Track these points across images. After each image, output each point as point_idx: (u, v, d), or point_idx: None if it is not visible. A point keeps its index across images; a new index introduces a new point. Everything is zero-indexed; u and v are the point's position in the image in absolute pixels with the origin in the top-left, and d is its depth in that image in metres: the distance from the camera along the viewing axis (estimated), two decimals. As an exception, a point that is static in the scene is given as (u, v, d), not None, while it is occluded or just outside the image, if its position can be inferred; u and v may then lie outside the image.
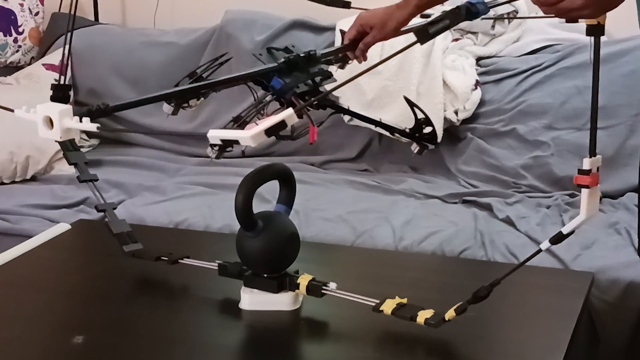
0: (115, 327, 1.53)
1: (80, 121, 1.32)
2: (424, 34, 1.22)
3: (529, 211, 2.35)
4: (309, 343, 1.54)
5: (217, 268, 1.63)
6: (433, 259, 2.07)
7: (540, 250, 1.38)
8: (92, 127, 1.28)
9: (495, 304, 1.56)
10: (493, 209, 2.35)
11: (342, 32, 1.87)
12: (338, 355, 1.46)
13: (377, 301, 1.48)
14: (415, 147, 1.71)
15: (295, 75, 1.66)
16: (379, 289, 1.53)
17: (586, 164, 1.31)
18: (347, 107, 1.82)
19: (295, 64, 1.66)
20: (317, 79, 1.74)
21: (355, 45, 1.81)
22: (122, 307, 1.62)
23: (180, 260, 1.68)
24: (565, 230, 1.36)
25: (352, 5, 1.95)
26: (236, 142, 1.21)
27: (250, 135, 1.18)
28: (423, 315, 1.43)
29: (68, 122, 1.27)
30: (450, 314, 1.40)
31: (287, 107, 1.67)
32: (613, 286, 1.97)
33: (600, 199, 2.41)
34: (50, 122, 1.25)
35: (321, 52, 1.78)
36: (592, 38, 1.33)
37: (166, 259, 1.69)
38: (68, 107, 1.26)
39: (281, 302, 1.55)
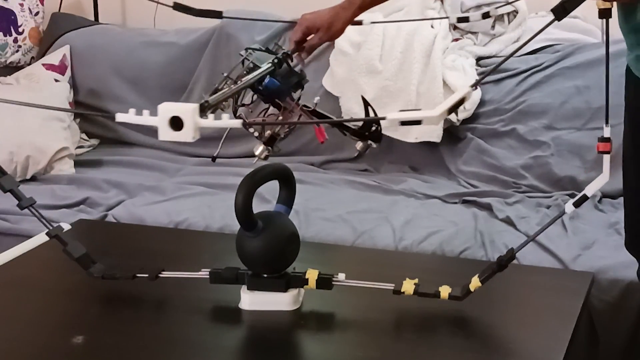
0: (115, 327, 1.53)
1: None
2: (560, 11, 1.27)
3: (529, 211, 2.35)
4: (309, 343, 1.54)
5: (207, 276, 1.59)
6: (433, 259, 2.07)
7: (564, 212, 1.47)
8: (237, 123, 1.22)
9: (495, 304, 1.56)
10: (493, 209, 2.35)
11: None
12: (339, 354, 1.46)
13: (392, 285, 1.48)
14: (359, 145, 1.69)
15: (282, 75, 1.64)
16: (378, 289, 1.53)
17: (607, 132, 1.45)
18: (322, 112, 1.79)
19: (282, 64, 1.65)
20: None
21: (301, 48, 1.82)
22: (122, 307, 1.62)
23: (159, 275, 1.62)
24: (588, 192, 1.46)
25: (224, 14, 1.96)
26: (418, 122, 1.18)
27: (437, 115, 1.16)
28: (445, 291, 1.43)
29: (202, 120, 1.19)
30: (475, 284, 1.40)
31: (280, 108, 1.65)
32: (613, 286, 1.97)
33: (601, 199, 2.41)
34: (177, 123, 1.17)
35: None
36: (604, 20, 1.46)
37: (144, 275, 1.62)
38: (196, 106, 1.20)
39: (281, 302, 1.55)
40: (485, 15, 2.01)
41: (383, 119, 1.18)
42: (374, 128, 1.69)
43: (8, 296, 1.68)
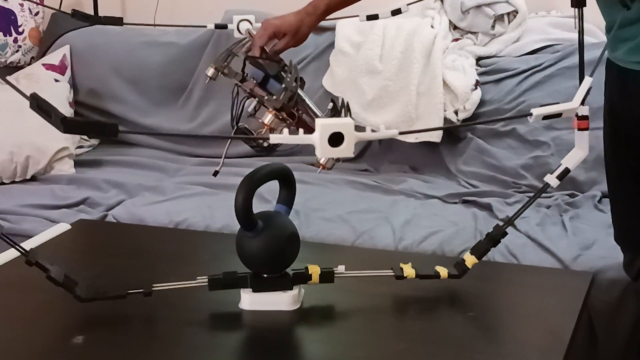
0: (115, 327, 1.53)
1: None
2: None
3: (529, 211, 2.33)
4: (309, 343, 1.54)
5: (204, 284, 1.57)
6: (433, 259, 2.07)
7: (548, 185, 1.46)
8: (394, 132, 1.21)
9: (495, 304, 1.56)
10: (493, 209, 2.35)
11: (250, 34, 1.89)
12: (339, 354, 1.46)
13: (391, 271, 1.50)
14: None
15: (282, 78, 1.65)
16: (379, 289, 1.54)
17: (585, 110, 1.49)
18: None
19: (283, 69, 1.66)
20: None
21: (264, 52, 1.81)
22: (122, 307, 1.62)
23: (153, 288, 1.55)
24: (570, 166, 1.46)
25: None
26: (559, 115, 1.23)
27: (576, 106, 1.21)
28: (443, 271, 1.43)
29: (360, 134, 1.18)
30: (471, 260, 1.41)
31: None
32: (613, 286, 1.97)
33: (600, 199, 2.41)
34: (337, 139, 1.16)
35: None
36: (577, 9, 1.50)
37: (139, 291, 1.55)
38: (352, 121, 1.18)
39: (281, 302, 1.55)
40: None
41: (530, 114, 1.24)
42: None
43: (8, 296, 1.68)
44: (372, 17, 2.02)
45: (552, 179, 1.43)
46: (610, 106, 1.73)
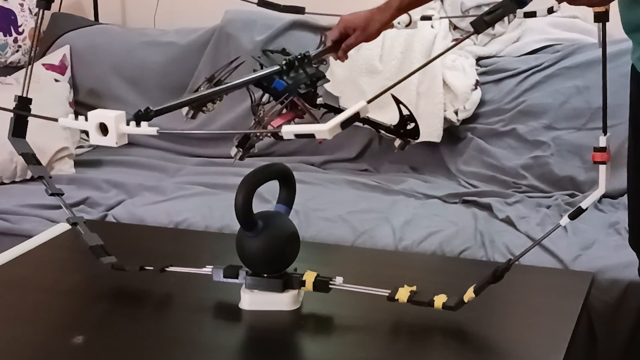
0: (115, 327, 1.53)
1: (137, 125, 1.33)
2: (481, 24, 1.26)
3: (529, 211, 2.35)
4: (309, 343, 1.54)
5: (209, 273, 1.60)
6: (433, 259, 2.07)
7: (559, 225, 1.45)
8: (152, 130, 1.28)
9: (495, 304, 1.56)
10: (493, 209, 2.35)
11: (323, 34, 1.90)
12: (339, 354, 1.46)
13: (387, 291, 1.48)
14: (397, 142, 1.75)
15: (294, 77, 1.67)
16: (379, 289, 1.53)
17: (602, 141, 1.42)
18: (339, 107, 1.85)
19: (292, 65, 1.68)
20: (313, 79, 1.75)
21: (338, 47, 1.84)
22: (122, 307, 1.62)
23: (166, 269, 1.65)
24: (584, 205, 1.43)
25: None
26: (312, 136, 1.18)
27: (327, 129, 1.16)
28: (440, 300, 1.43)
29: (125, 127, 1.27)
30: (469, 295, 1.40)
31: (290, 108, 1.67)
32: (613, 286, 1.97)
33: (601, 199, 2.41)
34: (104, 129, 1.27)
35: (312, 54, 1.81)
36: (600, 24, 1.45)
37: (150, 268, 1.65)
38: (122, 113, 1.27)
39: (281, 302, 1.55)
40: (550, 11, 2.02)
41: (278, 130, 1.20)
42: (411, 126, 1.73)
43: (8, 296, 1.68)
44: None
45: (564, 220, 1.45)
46: (633, 109, 1.71)
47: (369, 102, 1.23)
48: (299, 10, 2.08)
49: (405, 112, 1.72)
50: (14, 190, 2.63)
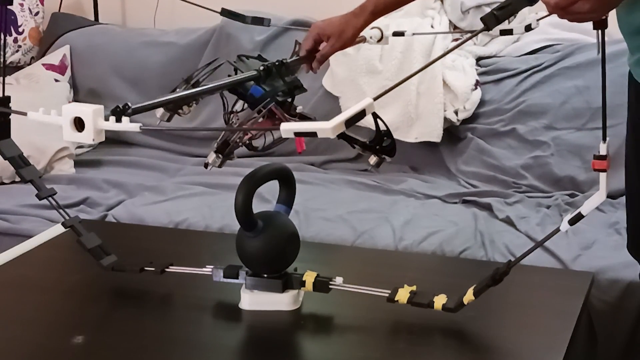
0: (115, 327, 1.53)
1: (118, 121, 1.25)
2: (492, 19, 1.24)
3: (529, 211, 2.35)
4: (309, 343, 1.54)
5: (210, 273, 1.60)
6: (433, 259, 2.07)
7: (558, 230, 1.44)
8: (135, 127, 1.22)
9: (495, 304, 1.56)
10: (493, 209, 2.35)
11: (297, 43, 1.82)
12: (339, 354, 1.46)
13: (387, 292, 1.48)
14: (373, 160, 1.64)
15: (271, 84, 1.62)
16: (379, 289, 1.53)
17: (602, 149, 1.39)
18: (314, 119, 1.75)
19: (270, 72, 1.62)
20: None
21: (312, 56, 1.77)
22: (122, 307, 1.62)
23: (166, 270, 1.65)
24: (584, 211, 1.42)
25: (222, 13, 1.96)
26: (314, 134, 1.12)
27: (331, 127, 1.09)
28: (439, 301, 1.43)
29: (103, 122, 1.19)
30: (468, 297, 1.40)
31: (266, 117, 1.59)
32: (613, 286, 1.97)
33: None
34: (79, 124, 1.18)
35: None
36: (599, 31, 1.42)
37: (151, 269, 1.65)
38: (100, 107, 1.19)
39: (281, 302, 1.55)
40: (528, 28, 1.97)
41: (277, 128, 1.14)
42: (387, 142, 1.63)
43: (8, 296, 1.68)
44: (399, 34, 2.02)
45: (564, 225, 1.44)
46: (631, 112, 1.70)
47: (375, 99, 1.17)
48: (264, 21, 2.00)
49: (382, 127, 1.64)
50: (14, 190, 2.63)
